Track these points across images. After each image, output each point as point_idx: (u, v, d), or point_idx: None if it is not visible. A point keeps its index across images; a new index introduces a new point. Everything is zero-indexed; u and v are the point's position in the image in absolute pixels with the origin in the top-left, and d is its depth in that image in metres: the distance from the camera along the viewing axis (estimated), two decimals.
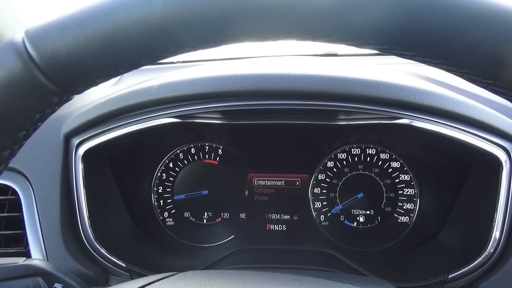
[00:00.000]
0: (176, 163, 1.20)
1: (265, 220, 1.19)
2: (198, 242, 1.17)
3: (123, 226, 1.08)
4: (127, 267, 0.93)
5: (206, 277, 0.51)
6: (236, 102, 0.86)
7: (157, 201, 1.20)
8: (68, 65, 0.36)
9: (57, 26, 0.36)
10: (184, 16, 0.34)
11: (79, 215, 0.93)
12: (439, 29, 0.33)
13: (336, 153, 1.17)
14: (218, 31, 0.36)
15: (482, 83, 0.36)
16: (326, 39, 0.36)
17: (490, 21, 0.32)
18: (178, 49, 0.37)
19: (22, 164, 0.95)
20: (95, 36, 0.35)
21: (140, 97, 0.89)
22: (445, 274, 0.86)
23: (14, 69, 0.35)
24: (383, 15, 0.33)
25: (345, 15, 0.34)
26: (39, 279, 0.58)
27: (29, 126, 0.39)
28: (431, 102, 0.82)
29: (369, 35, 0.35)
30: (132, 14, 0.35)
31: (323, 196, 1.17)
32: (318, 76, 0.83)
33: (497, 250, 0.84)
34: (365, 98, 0.82)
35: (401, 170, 1.14)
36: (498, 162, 0.84)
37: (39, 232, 0.91)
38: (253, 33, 0.36)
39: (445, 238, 1.03)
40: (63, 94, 0.39)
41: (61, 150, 0.95)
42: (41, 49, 0.35)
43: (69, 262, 0.89)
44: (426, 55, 0.35)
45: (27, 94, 0.36)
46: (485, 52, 0.33)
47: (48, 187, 0.93)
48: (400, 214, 1.14)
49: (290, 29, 0.36)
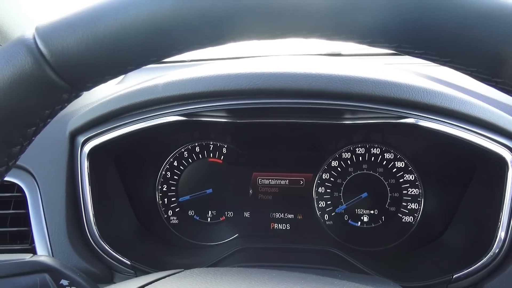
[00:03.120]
0: (180, 162, 1.20)
1: (269, 219, 1.19)
2: (202, 240, 1.17)
3: (127, 224, 1.09)
4: (132, 265, 0.93)
5: (212, 275, 0.51)
6: (241, 101, 0.86)
7: (161, 199, 1.21)
8: (78, 62, 0.36)
9: (67, 23, 0.36)
10: (194, 13, 0.34)
11: (84, 213, 0.93)
12: (448, 27, 0.33)
13: (340, 152, 1.17)
14: (228, 29, 0.36)
15: (491, 82, 0.36)
16: (335, 37, 0.36)
17: (499, 19, 0.32)
18: (187, 47, 0.37)
19: (28, 161, 0.96)
20: (105, 33, 0.35)
21: (145, 95, 0.89)
22: (450, 274, 0.86)
23: (25, 66, 0.35)
24: (393, 12, 0.33)
25: (354, 13, 0.34)
26: (45, 275, 0.58)
27: (38, 122, 0.39)
28: (437, 101, 0.82)
29: (379, 33, 0.35)
30: (142, 12, 0.35)
31: (327, 195, 1.17)
32: (324, 75, 0.83)
33: (502, 250, 0.84)
34: (371, 97, 0.82)
35: (406, 169, 1.14)
36: (504, 162, 0.83)
37: (44, 229, 0.91)
38: (263, 31, 0.36)
39: (450, 238, 1.03)
40: (73, 90, 0.39)
41: (67, 147, 0.95)
42: (52, 46, 0.35)
43: (74, 259, 0.90)
44: (435, 54, 0.35)
45: (38, 91, 0.37)
46: (494, 51, 0.33)
47: (54, 185, 0.94)
48: (405, 214, 1.14)
49: (299, 27, 0.36)
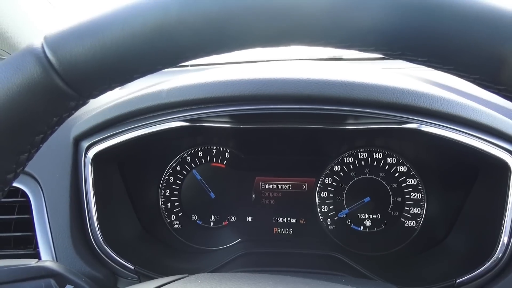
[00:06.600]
0: (183, 167, 1.21)
1: (271, 223, 1.19)
2: (205, 245, 1.17)
3: (131, 229, 1.09)
4: (136, 269, 0.93)
5: (217, 280, 0.52)
6: (244, 106, 0.87)
7: (164, 204, 1.21)
8: (86, 70, 0.37)
9: (75, 32, 0.37)
10: (199, 22, 0.35)
11: (88, 218, 0.94)
12: (451, 35, 0.33)
13: (343, 157, 1.17)
14: (231, 37, 0.36)
15: (494, 89, 0.36)
16: (339, 45, 0.37)
17: (502, 28, 0.32)
18: (192, 55, 0.38)
19: (32, 166, 0.96)
20: (112, 42, 0.36)
21: (149, 101, 0.90)
22: (453, 279, 0.86)
23: (34, 75, 0.36)
24: (396, 21, 0.34)
25: (357, 22, 0.34)
26: (51, 280, 0.59)
27: (46, 129, 0.40)
28: (439, 106, 0.82)
29: (382, 41, 0.35)
30: (148, 21, 0.35)
31: (330, 200, 1.18)
32: (326, 81, 0.83)
33: (505, 255, 0.84)
34: (374, 102, 0.82)
35: (408, 174, 1.14)
36: (506, 167, 0.84)
37: (48, 234, 0.91)
38: (266, 40, 0.37)
39: (453, 243, 1.03)
40: (80, 98, 0.40)
41: (71, 153, 0.96)
42: (60, 55, 0.36)
43: (78, 264, 0.90)
44: (438, 61, 0.35)
45: (46, 99, 0.37)
46: (497, 58, 0.33)
47: (58, 190, 0.94)
48: (407, 219, 1.14)
49: (303, 36, 0.36)
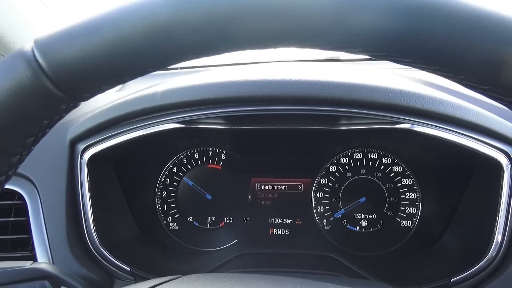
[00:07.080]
0: (180, 168, 1.21)
1: (268, 224, 1.19)
2: (202, 246, 1.18)
3: (127, 230, 1.09)
4: (132, 271, 0.93)
5: (209, 280, 0.52)
6: (238, 108, 0.87)
7: (161, 205, 1.21)
8: (76, 73, 0.37)
9: (65, 35, 0.37)
10: (188, 24, 0.35)
11: (84, 220, 0.94)
12: (435, 36, 0.33)
13: (338, 157, 1.18)
14: (221, 39, 0.37)
15: (478, 89, 0.36)
16: (326, 47, 0.37)
17: (485, 28, 0.32)
18: (182, 57, 0.38)
19: (28, 169, 0.96)
20: (101, 45, 0.36)
21: (144, 103, 0.90)
22: (447, 278, 0.87)
23: (24, 78, 0.36)
24: (382, 23, 0.34)
25: (345, 24, 0.34)
26: (45, 282, 0.59)
27: (37, 132, 0.40)
28: (431, 107, 0.83)
29: (369, 42, 0.36)
30: (137, 24, 0.36)
31: (325, 200, 1.18)
32: (319, 82, 0.84)
33: (499, 254, 0.84)
34: (366, 103, 0.83)
35: (403, 174, 1.15)
36: (499, 166, 0.84)
37: (45, 237, 0.92)
38: (256, 41, 0.37)
39: (447, 242, 1.04)
40: (71, 101, 0.40)
41: (67, 155, 0.96)
42: (50, 58, 0.36)
43: (74, 266, 0.90)
44: (423, 62, 0.36)
45: (36, 102, 0.38)
46: (481, 59, 0.33)
47: (54, 192, 0.94)
48: (403, 218, 1.15)
49: (290, 37, 0.36)
